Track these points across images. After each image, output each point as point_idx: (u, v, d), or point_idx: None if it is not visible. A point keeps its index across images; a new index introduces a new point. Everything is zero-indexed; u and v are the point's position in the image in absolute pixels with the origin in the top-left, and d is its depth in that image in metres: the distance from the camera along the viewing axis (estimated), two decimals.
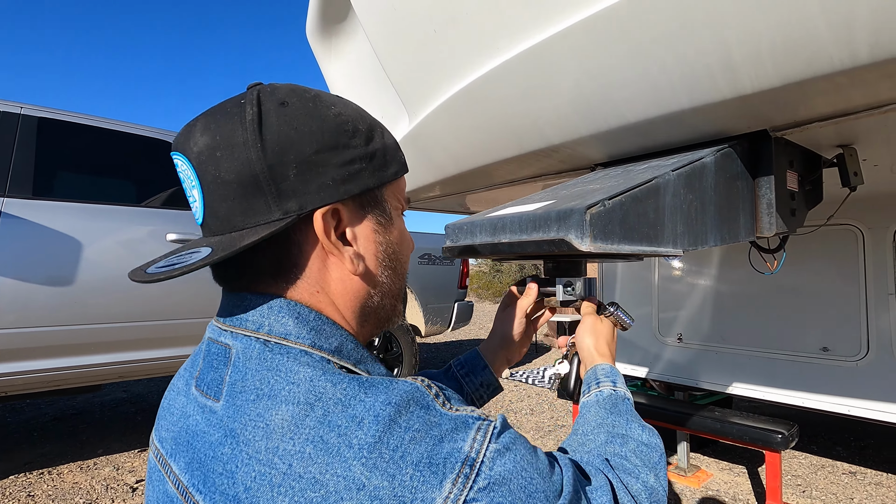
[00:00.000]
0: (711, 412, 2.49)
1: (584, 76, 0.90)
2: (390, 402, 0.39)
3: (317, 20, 1.62)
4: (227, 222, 0.45)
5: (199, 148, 0.45)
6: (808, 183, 1.14)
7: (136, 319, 2.81)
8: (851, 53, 0.66)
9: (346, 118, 0.48)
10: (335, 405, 0.39)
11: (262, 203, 0.44)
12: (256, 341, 0.45)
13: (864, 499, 2.65)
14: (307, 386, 0.41)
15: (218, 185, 0.44)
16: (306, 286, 0.48)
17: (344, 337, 0.47)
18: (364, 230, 0.50)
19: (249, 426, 0.40)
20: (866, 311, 2.12)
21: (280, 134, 0.44)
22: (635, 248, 0.68)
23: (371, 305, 0.52)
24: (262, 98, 0.46)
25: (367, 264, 0.50)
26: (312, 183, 0.45)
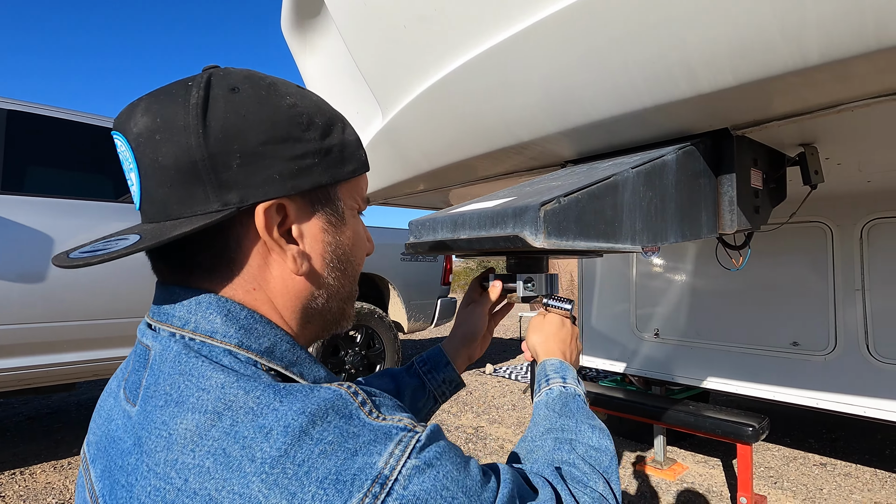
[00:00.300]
0: (686, 406, 2.53)
1: (550, 74, 0.91)
2: (305, 410, 0.36)
3: (291, 15, 1.60)
4: (162, 209, 0.43)
5: (139, 129, 0.42)
6: (773, 181, 1.16)
7: (111, 316, 2.76)
8: (802, 55, 0.67)
9: (302, 110, 0.46)
10: (245, 414, 0.36)
11: (200, 192, 0.42)
12: (176, 342, 0.42)
13: (832, 489, 2.73)
14: (217, 393, 0.38)
15: (155, 170, 0.42)
16: (242, 283, 0.45)
17: (278, 337, 0.45)
18: (312, 228, 0.47)
19: (154, 435, 0.38)
20: (834, 307, 2.17)
21: (226, 121, 0.42)
22: (592, 245, 0.69)
23: (315, 307, 0.49)
24: (212, 82, 0.43)
25: (312, 264, 0.48)
26: (257, 175, 0.43)
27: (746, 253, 1.27)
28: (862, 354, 2.10)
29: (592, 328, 3.18)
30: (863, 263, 2.11)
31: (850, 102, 0.76)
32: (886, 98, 0.73)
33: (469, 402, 4.38)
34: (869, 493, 2.68)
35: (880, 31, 0.60)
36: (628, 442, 3.37)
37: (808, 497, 2.63)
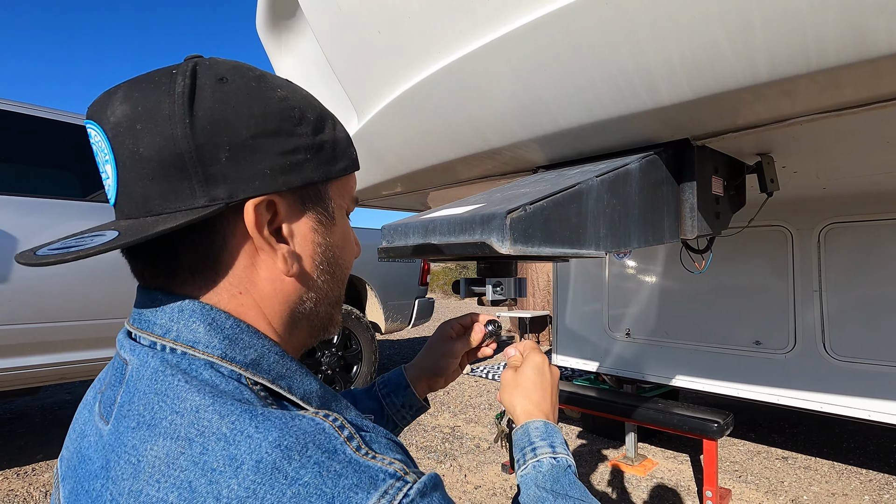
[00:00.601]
0: (656, 404, 2.61)
1: (519, 83, 0.94)
2: (281, 444, 0.33)
3: (266, 15, 1.60)
4: (142, 205, 0.40)
5: (117, 118, 0.39)
6: (733, 188, 1.21)
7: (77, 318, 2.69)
8: (753, 72, 0.72)
9: (294, 103, 0.44)
10: (216, 442, 0.33)
11: (185, 187, 0.39)
12: (154, 357, 0.39)
13: (793, 482, 2.84)
14: (191, 417, 0.35)
15: (135, 162, 0.39)
16: (228, 286, 0.42)
17: (266, 348, 0.42)
18: (302, 228, 0.45)
19: (122, 461, 0.35)
20: (794, 307, 2.27)
21: (214, 111, 0.39)
22: (557, 251, 0.72)
23: (303, 311, 0.47)
24: (198, 71, 0.41)
25: (302, 265, 0.45)
26: (247, 170, 0.40)
27: (709, 257, 1.33)
28: (819, 353, 2.20)
29: (567, 328, 3.24)
30: (820, 266, 2.21)
31: (798, 117, 0.81)
32: (830, 114, 0.78)
33: (446, 401, 4.41)
34: (826, 484, 2.81)
35: (820, 54, 0.65)
36: (601, 439, 3.44)
37: (770, 490, 2.74)
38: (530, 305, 7.91)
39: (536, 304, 7.85)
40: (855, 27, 0.60)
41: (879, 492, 2.70)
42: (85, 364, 2.77)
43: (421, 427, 3.71)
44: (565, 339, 3.24)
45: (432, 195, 1.96)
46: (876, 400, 2.06)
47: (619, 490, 2.73)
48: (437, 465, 3.02)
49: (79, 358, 2.74)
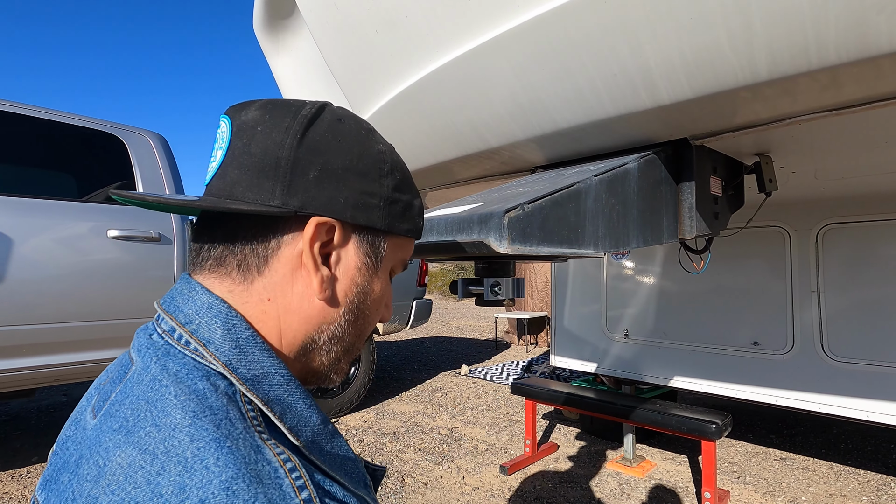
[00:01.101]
0: (654, 405, 2.60)
1: (517, 82, 0.93)
2: (230, 487, 0.33)
3: (263, 15, 1.59)
4: (228, 188, 0.45)
5: (247, 118, 0.46)
6: (731, 188, 1.21)
7: (72, 320, 2.67)
8: (752, 71, 0.71)
9: (387, 160, 0.49)
10: (176, 465, 0.34)
11: (268, 186, 0.44)
12: (157, 364, 0.41)
13: (791, 483, 2.84)
14: (166, 433, 0.36)
15: (241, 153, 0.45)
16: (261, 289, 0.45)
17: (274, 368, 0.43)
18: (350, 262, 0.48)
19: (93, 460, 0.37)
20: (792, 308, 2.27)
21: (322, 138, 0.45)
22: (555, 251, 0.71)
23: (316, 341, 0.48)
24: (324, 108, 0.47)
25: (335, 294, 0.47)
26: (326, 192, 0.45)
27: (707, 257, 1.32)
28: (817, 353, 2.20)
29: (565, 329, 3.24)
30: (818, 266, 2.21)
31: (797, 116, 0.81)
32: (829, 113, 0.78)
33: (444, 403, 4.40)
34: (825, 485, 2.80)
35: (821, 52, 0.64)
36: (599, 441, 3.44)
37: (768, 491, 2.74)
38: (529, 307, 7.91)
39: (535, 305, 7.85)
40: (856, 25, 0.60)
41: (877, 492, 2.70)
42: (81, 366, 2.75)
43: (419, 429, 3.70)
44: (563, 341, 3.24)
45: (430, 195, 1.95)
46: (874, 401, 2.06)
47: (618, 492, 2.72)
48: (435, 466, 3.01)
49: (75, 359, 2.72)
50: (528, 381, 3.24)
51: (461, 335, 9.04)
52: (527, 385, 3.13)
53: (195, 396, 0.38)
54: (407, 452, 3.23)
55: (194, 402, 0.38)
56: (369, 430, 3.64)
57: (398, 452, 3.23)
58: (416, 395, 4.64)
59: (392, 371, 5.65)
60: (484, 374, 5.50)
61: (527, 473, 2.94)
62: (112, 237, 2.79)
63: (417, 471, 2.95)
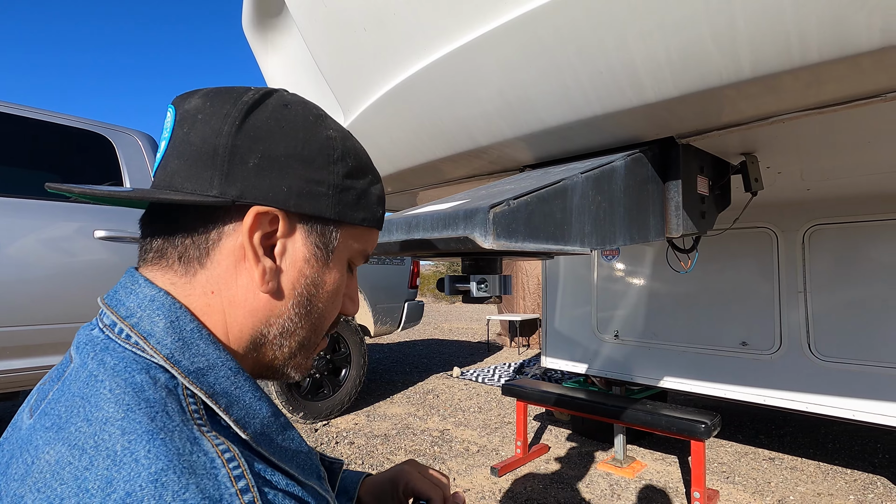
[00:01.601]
0: (644, 406, 2.61)
1: (506, 81, 0.93)
2: (159, 479, 0.32)
3: (252, 13, 1.58)
4: (168, 179, 0.44)
5: (189, 106, 0.45)
6: (718, 187, 1.22)
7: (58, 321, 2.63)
8: (736, 69, 0.72)
9: (337, 146, 0.47)
10: (104, 459, 0.33)
11: (206, 175, 0.42)
12: (94, 359, 0.40)
13: (780, 482, 2.86)
14: (97, 427, 0.35)
15: (182, 143, 0.44)
16: (204, 282, 0.44)
17: (220, 360, 0.42)
18: (296, 254, 0.46)
19: (21, 459, 0.36)
20: (779, 308, 2.29)
21: (264, 124, 0.44)
22: (541, 247, 0.71)
23: (265, 335, 0.46)
24: (272, 95, 0.46)
25: (280, 286, 0.45)
26: (266, 180, 0.43)
27: (694, 256, 1.33)
28: (804, 353, 2.22)
29: (556, 331, 3.25)
30: (804, 267, 2.23)
31: (781, 115, 0.81)
32: (812, 111, 0.79)
33: (436, 405, 4.39)
34: (812, 484, 2.83)
35: (803, 50, 0.65)
36: (590, 442, 3.44)
37: (757, 490, 2.75)
38: (521, 308, 7.92)
39: (527, 307, 7.87)
40: (837, 23, 0.61)
41: (864, 491, 2.73)
42: None
43: (410, 431, 3.68)
44: (555, 342, 3.24)
45: (421, 195, 1.95)
46: (860, 400, 2.08)
47: (608, 493, 2.73)
48: None
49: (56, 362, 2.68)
50: (519, 382, 3.24)
51: (453, 337, 9.03)
52: (518, 386, 3.13)
53: (131, 390, 0.37)
54: (398, 455, 3.21)
55: (130, 395, 0.37)
56: (360, 432, 3.62)
57: (389, 455, 3.22)
58: (408, 397, 4.62)
59: (383, 373, 5.63)
60: (476, 375, 5.49)
61: (517, 475, 2.94)
62: (99, 238, 2.76)
63: None
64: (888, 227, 2.06)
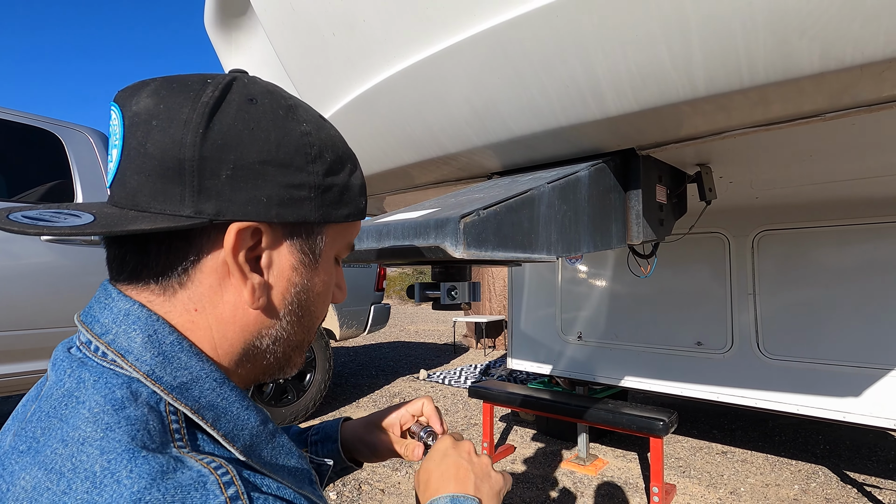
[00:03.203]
0: (606, 405, 2.69)
1: (473, 90, 0.95)
2: (142, 498, 0.31)
3: (215, 12, 1.54)
4: (130, 197, 0.39)
5: (139, 108, 0.39)
6: (675, 196, 1.28)
7: (1, 329, 2.48)
8: (692, 87, 0.76)
9: (314, 140, 0.43)
10: (83, 482, 0.32)
11: (176, 192, 0.38)
12: (70, 377, 0.38)
13: (732, 475, 3.01)
14: (73, 449, 0.33)
15: (139, 155, 0.39)
16: (185, 299, 0.41)
17: (204, 372, 0.40)
18: (283, 263, 0.44)
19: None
20: (731, 310, 2.41)
21: (231, 129, 0.39)
22: (510, 255, 0.73)
23: (257, 347, 0.45)
24: (232, 87, 0.41)
25: (271, 300, 0.44)
26: (243, 192, 0.40)
27: (653, 261, 1.39)
28: (753, 352, 2.35)
29: (522, 332, 3.30)
30: (754, 270, 2.36)
31: (732, 130, 0.86)
32: (760, 128, 0.84)
33: None
34: (761, 476, 2.98)
35: (752, 71, 0.69)
36: (555, 441, 3.51)
37: (711, 483, 2.88)
38: (487, 311, 7.99)
39: (493, 309, 7.95)
40: (781, 48, 0.65)
41: (807, 481, 2.90)
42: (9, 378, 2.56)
43: None
44: (520, 344, 3.30)
45: (388, 200, 1.95)
46: (803, 395, 2.22)
47: (571, 490, 2.79)
48: (392, 472, 2.99)
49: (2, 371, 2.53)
50: (485, 384, 3.28)
51: (419, 339, 9.02)
52: (484, 388, 3.16)
53: (111, 407, 0.35)
54: None
55: (109, 413, 0.35)
56: None
57: None
58: (374, 400, 4.59)
59: (349, 377, 5.56)
60: (442, 378, 5.50)
61: None
62: (47, 240, 2.61)
63: (375, 477, 2.91)
64: (830, 234, 2.20)
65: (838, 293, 2.17)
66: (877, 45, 0.61)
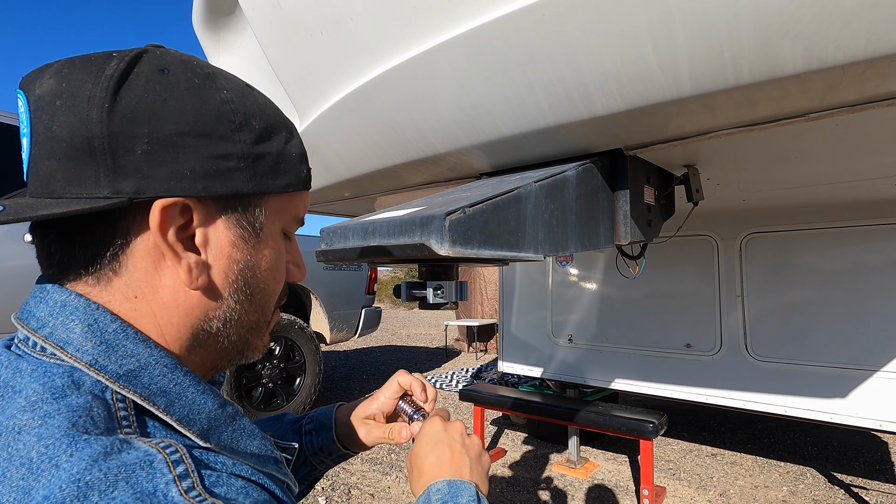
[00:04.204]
0: (596, 407, 2.69)
1: (462, 89, 0.95)
2: (82, 479, 0.29)
3: (203, 11, 1.53)
4: (45, 185, 0.37)
5: (42, 91, 0.37)
6: (663, 197, 1.28)
7: None
8: (678, 87, 0.76)
9: (237, 108, 0.41)
10: (18, 468, 0.31)
11: (90, 173, 0.36)
12: (7, 368, 0.37)
13: (721, 477, 3.02)
14: (9, 438, 0.32)
15: (47, 139, 0.37)
16: (123, 288, 0.39)
17: (153, 358, 0.39)
18: (220, 240, 0.42)
19: None
20: (720, 312, 2.42)
21: (141, 101, 0.37)
22: (496, 254, 0.72)
23: (207, 330, 0.43)
24: (142, 58, 0.39)
25: (211, 279, 0.42)
26: (163, 167, 0.37)
27: (642, 262, 1.39)
28: (741, 354, 2.36)
29: (512, 335, 3.30)
30: (742, 273, 2.38)
31: (718, 131, 0.87)
32: (745, 128, 0.85)
33: None
34: (750, 477, 3.00)
35: (736, 71, 0.70)
36: (546, 444, 3.51)
37: (700, 485, 2.89)
38: (479, 314, 7.99)
39: (485, 312, 7.95)
40: (764, 48, 0.66)
41: (795, 482, 2.92)
42: None
43: None
44: (511, 347, 3.29)
45: (379, 200, 1.94)
46: (791, 397, 2.24)
47: (562, 493, 2.79)
48: (382, 477, 2.97)
49: None
50: (476, 387, 3.27)
51: (411, 343, 8.99)
52: (475, 391, 3.15)
53: (50, 395, 0.34)
54: (354, 464, 3.16)
55: (48, 402, 0.34)
56: None
57: (344, 464, 3.15)
58: None
59: (340, 381, 5.52)
60: (434, 381, 5.48)
61: None
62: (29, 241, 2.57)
63: (364, 482, 2.89)
64: (817, 236, 2.22)
65: (825, 295, 2.19)
66: (857, 45, 0.61)
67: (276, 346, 3.72)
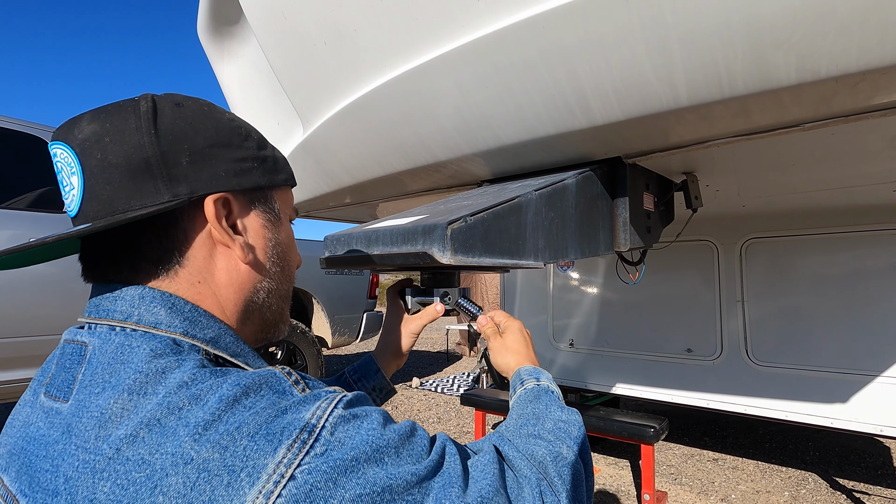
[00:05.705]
0: (598, 412, 2.69)
1: (463, 99, 0.96)
2: (239, 384, 0.39)
3: (208, 20, 1.55)
4: (107, 206, 0.45)
5: (85, 135, 0.45)
6: (663, 204, 1.30)
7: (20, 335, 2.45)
8: (674, 97, 0.78)
9: (240, 124, 0.53)
10: (179, 388, 0.39)
11: (150, 186, 0.45)
12: (117, 334, 0.43)
13: (723, 482, 3.01)
14: (155, 376, 0.40)
15: (102, 169, 0.45)
16: (187, 276, 0.48)
17: (222, 330, 0.48)
18: (254, 223, 0.53)
19: (85, 418, 0.39)
20: (720, 317, 2.43)
21: (175, 126, 0.47)
22: (497, 262, 0.74)
23: (256, 301, 0.53)
24: (157, 99, 0.48)
25: (256, 255, 0.52)
26: (205, 171, 0.47)
27: (642, 268, 1.40)
28: (742, 359, 2.37)
29: None
30: (742, 278, 2.39)
31: (715, 140, 0.88)
32: (742, 138, 0.86)
33: (395, 416, 4.34)
34: (752, 483, 2.99)
35: (731, 82, 0.71)
36: None
37: (702, 490, 2.89)
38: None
39: None
40: (758, 60, 0.67)
41: (797, 487, 2.92)
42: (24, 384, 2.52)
43: None
44: None
45: (381, 207, 1.96)
46: (792, 401, 2.24)
47: None
48: None
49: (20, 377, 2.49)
50: (477, 391, 3.27)
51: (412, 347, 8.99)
52: (476, 396, 3.15)
53: (167, 349, 0.42)
54: None
55: (167, 355, 0.41)
56: None
57: None
58: None
59: None
60: (435, 386, 5.49)
61: None
62: None
63: None
64: (817, 241, 2.23)
65: (826, 300, 2.20)
66: (850, 58, 0.63)
67: (278, 351, 3.73)
